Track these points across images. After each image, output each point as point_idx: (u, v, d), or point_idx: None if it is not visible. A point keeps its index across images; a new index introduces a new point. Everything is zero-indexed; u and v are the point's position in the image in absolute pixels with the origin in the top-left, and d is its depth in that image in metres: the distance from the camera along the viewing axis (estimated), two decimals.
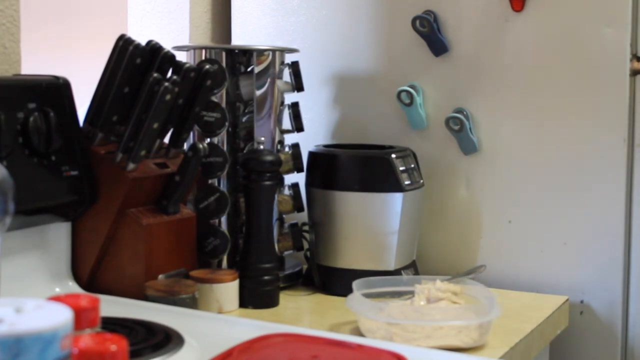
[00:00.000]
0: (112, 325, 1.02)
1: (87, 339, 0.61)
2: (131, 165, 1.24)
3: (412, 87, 1.53)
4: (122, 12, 1.78)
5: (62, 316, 0.61)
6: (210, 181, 1.39)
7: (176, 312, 1.15)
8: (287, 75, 1.47)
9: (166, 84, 1.21)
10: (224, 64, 1.41)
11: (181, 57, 1.36)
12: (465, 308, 1.19)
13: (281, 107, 1.46)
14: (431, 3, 1.52)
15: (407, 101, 1.53)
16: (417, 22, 1.51)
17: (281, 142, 1.47)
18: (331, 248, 1.43)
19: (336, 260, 1.43)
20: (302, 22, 1.64)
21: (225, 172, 1.39)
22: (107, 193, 1.25)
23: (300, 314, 1.37)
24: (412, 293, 1.25)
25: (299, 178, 1.48)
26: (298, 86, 1.46)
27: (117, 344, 0.61)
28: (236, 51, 1.44)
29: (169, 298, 1.19)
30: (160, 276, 1.26)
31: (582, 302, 1.46)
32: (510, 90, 1.48)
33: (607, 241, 1.43)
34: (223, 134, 1.40)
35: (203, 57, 1.42)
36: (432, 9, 1.52)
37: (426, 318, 1.15)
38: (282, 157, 1.43)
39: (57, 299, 0.67)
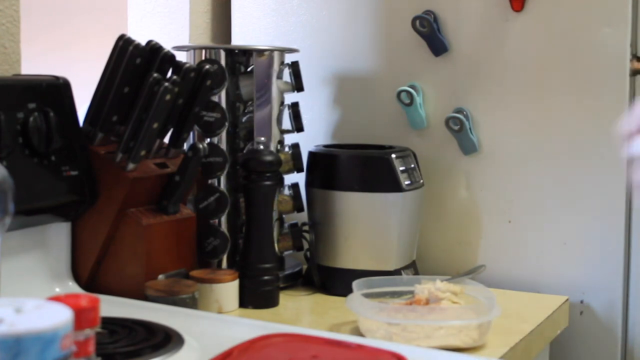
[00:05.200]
0: (112, 325, 1.02)
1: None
2: (131, 165, 1.24)
3: (412, 87, 1.53)
4: (122, 12, 1.78)
5: (62, 316, 0.61)
6: (210, 181, 1.39)
7: (176, 312, 1.15)
8: (287, 75, 1.47)
9: (166, 84, 1.21)
10: (223, 64, 1.41)
11: (181, 57, 1.36)
12: (465, 308, 1.19)
13: (281, 107, 1.46)
14: (431, 3, 1.52)
15: (407, 101, 1.53)
16: (417, 22, 1.51)
17: (281, 142, 1.47)
18: (331, 248, 1.43)
19: (336, 260, 1.43)
20: (302, 22, 1.64)
21: (225, 172, 1.39)
22: (107, 193, 1.25)
23: (300, 314, 1.37)
24: (412, 293, 1.25)
25: (299, 178, 1.48)
26: (298, 86, 1.46)
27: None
28: (236, 51, 1.44)
29: (169, 298, 1.19)
30: (160, 276, 1.26)
31: (582, 302, 1.46)
32: (510, 90, 1.48)
33: (607, 241, 1.43)
34: (223, 134, 1.40)
35: (203, 57, 1.42)
36: (432, 9, 1.52)
37: (426, 318, 1.15)
38: (282, 157, 1.43)
39: (57, 299, 0.67)
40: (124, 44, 1.25)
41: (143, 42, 1.27)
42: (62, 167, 1.21)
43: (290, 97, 1.48)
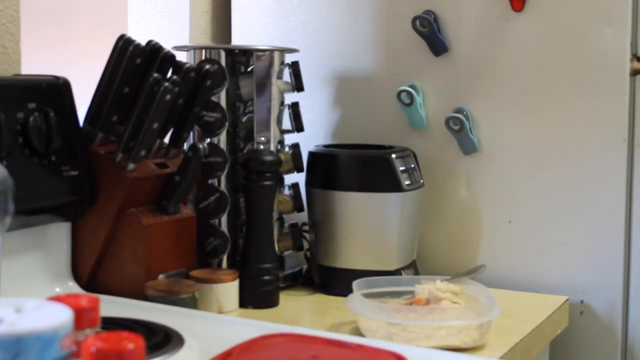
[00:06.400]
0: (112, 325, 1.02)
1: (104, 338, 0.61)
2: (131, 165, 1.24)
3: (412, 87, 1.53)
4: (122, 12, 1.78)
5: (62, 316, 0.61)
6: (210, 181, 1.39)
7: (176, 312, 1.15)
8: (287, 75, 1.47)
9: (166, 84, 1.21)
10: (224, 64, 1.41)
11: (181, 57, 1.36)
12: (465, 308, 1.19)
13: (281, 107, 1.46)
14: (431, 3, 1.52)
15: (407, 101, 1.53)
16: (417, 22, 1.51)
17: (281, 142, 1.47)
18: (331, 248, 1.43)
19: (336, 260, 1.43)
20: (302, 22, 1.64)
21: (225, 172, 1.39)
22: (107, 193, 1.25)
23: (300, 314, 1.37)
24: (412, 293, 1.25)
25: (299, 178, 1.48)
26: (298, 86, 1.46)
27: (134, 342, 0.61)
28: (236, 51, 1.44)
29: (169, 298, 1.19)
30: (160, 276, 1.26)
31: (582, 302, 1.46)
32: (510, 90, 1.48)
33: (607, 241, 1.43)
34: (223, 134, 1.40)
35: (203, 57, 1.42)
36: (432, 9, 1.52)
37: (426, 318, 1.15)
38: (282, 157, 1.43)
39: (57, 299, 0.67)
40: (124, 44, 1.25)
41: (143, 42, 1.27)
42: (62, 167, 1.21)
43: (290, 97, 1.48)
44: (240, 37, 1.70)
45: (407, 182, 1.41)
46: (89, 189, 1.24)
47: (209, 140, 1.40)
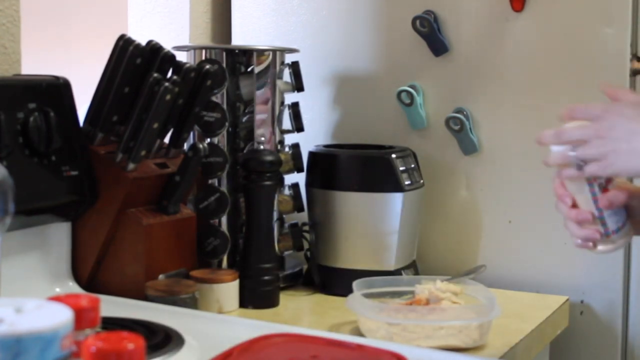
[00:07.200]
0: (112, 325, 1.02)
1: (104, 338, 0.61)
2: (131, 165, 1.24)
3: (412, 87, 1.53)
4: (122, 12, 1.78)
5: (62, 316, 0.61)
6: (210, 181, 1.39)
7: (176, 312, 1.15)
8: (287, 75, 1.47)
9: (166, 84, 1.21)
10: (224, 64, 1.41)
11: (181, 57, 1.36)
12: (465, 308, 1.19)
13: (281, 107, 1.46)
14: (431, 3, 1.52)
15: (407, 101, 1.53)
16: (417, 22, 1.51)
17: (281, 142, 1.47)
18: (331, 248, 1.43)
19: (336, 260, 1.43)
20: (302, 22, 1.64)
21: (225, 172, 1.39)
22: (107, 193, 1.25)
23: (300, 314, 1.37)
24: (412, 293, 1.25)
25: (299, 178, 1.48)
26: (298, 86, 1.46)
27: (134, 342, 0.61)
28: (236, 51, 1.44)
29: (169, 298, 1.19)
30: (160, 276, 1.26)
31: (582, 302, 1.45)
32: (510, 90, 1.48)
33: None
34: (223, 134, 1.40)
35: (203, 57, 1.42)
36: (432, 9, 1.52)
37: (426, 318, 1.15)
38: (282, 157, 1.43)
39: (57, 299, 0.67)
40: (124, 44, 1.25)
41: (143, 42, 1.27)
42: (62, 167, 1.21)
43: (290, 97, 1.48)
44: (240, 37, 1.70)
45: (407, 182, 1.41)
46: (89, 189, 1.24)
47: (209, 140, 1.40)
